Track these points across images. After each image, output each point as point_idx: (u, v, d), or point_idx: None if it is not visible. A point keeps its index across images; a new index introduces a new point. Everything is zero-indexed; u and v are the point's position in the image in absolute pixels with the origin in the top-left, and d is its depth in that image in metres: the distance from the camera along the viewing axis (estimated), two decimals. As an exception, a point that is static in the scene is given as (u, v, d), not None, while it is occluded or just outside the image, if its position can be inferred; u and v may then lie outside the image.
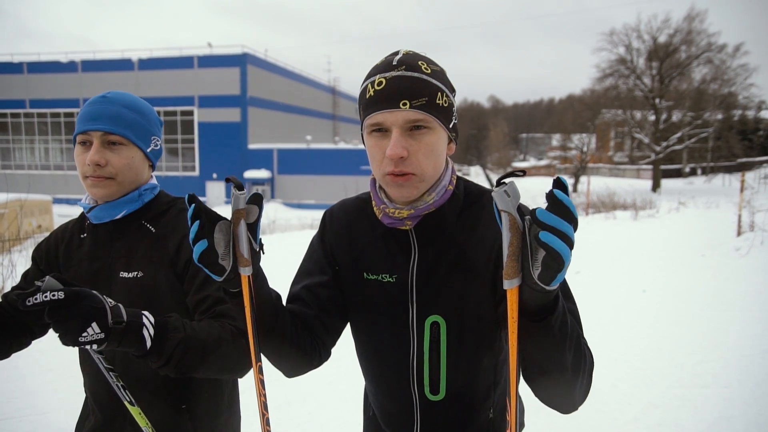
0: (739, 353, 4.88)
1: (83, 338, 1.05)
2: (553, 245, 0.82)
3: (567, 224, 0.84)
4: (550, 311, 0.95)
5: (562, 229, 0.83)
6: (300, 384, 4.27)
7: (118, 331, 1.10)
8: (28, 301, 1.01)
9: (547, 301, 0.93)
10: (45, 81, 39.34)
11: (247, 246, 1.07)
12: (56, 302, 1.02)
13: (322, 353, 1.34)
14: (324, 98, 53.73)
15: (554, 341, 0.98)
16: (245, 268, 1.08)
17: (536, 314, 0.94)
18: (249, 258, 1.08)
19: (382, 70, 1.17)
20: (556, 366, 1.02)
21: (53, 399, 3.99)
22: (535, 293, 0.90)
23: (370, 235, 1.34)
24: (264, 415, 1.24)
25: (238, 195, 1.05)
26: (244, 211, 1.06)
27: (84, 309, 1.05)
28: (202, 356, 1.25)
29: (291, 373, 1.33)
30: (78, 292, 1.06)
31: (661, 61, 34.70)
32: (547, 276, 0.86)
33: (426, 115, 1.15)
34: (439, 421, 1.34)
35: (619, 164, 50.84)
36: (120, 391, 1.31)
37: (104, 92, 1.49)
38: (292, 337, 1.24)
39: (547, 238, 0.82)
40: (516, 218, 0.87)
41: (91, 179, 1.44)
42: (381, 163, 1.19)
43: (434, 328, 1.26)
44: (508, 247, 0.88)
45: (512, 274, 0.89)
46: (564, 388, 1.07)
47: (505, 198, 0.86)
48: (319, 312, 1.32)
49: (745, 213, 10.77)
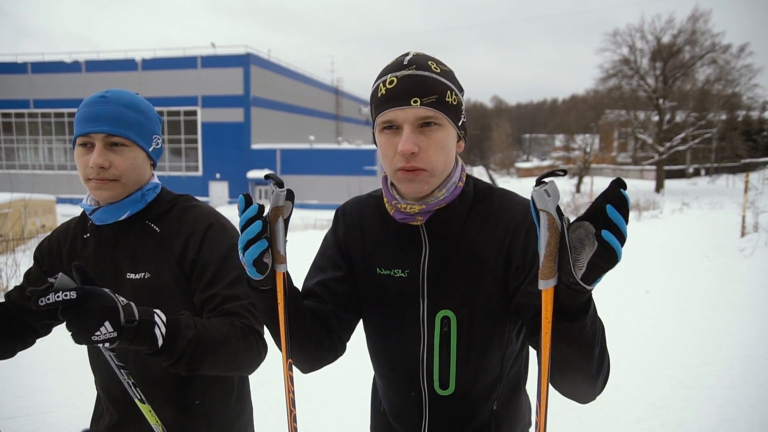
0: (743, 354, 4.87)
1: (96, 337, 1.05)
2: (613, 245, 0.83)
3: (626, 225, 0.85)
4: (585, 310, 0.96)
5: (623, 230, 0.84)
6: (303, 383, 4.27)
7: (131, 330, 1.10)
8: (41, 301, 1.01)
9: (583, 300, 0.94)
10: (49, 81, 39.42)
11: (283, 243, 1.08)
12: (69, 302, 1.02)
13: (338, 348, 1.36)
14: (327, 98, 53.73)
15: (586, 340, 1.00)
16: (281, 265, 1.09)
17: (572, 314, 0.95)
18: (285, 255, 1.09)
19: (394, 70, 1.21)
20: (585, 362, 1.04)
21: (56, 398, 4.00)
22: (572, 293, 0.91)
23: (383, 231, 1.36)
24: (291, 412, 1.24)
25: (279, 192, 1.05)
26: (282, 208, 1.07)
27: (97, 308, 1.06)
28: (213, 354, 1.26)
29: (309, 368, 1.34)
30: (90, 291, 1.06)
31: (665, 62, 34.61)
32: (592, 276, 0.87)
33: (436, 112, 1.18)
34: (447, 415, 1.35)
35: (623, 165, 50.75)
36: (131, 389, 1.32)
37: (102, 91, 1.46)
38: (312, 332, 1.26)
39: (610, 238, 0.83)
40: (555, 218, 0.86)
41: (95, 182, 1.43)
42: (392, 159, 1.22)
43: (444, 322, 1.28)
44: (545, 247, 0.87)
45: (549, 275, 0.89)
46: (589, 382, 1.08)
47: (545, 197, 0.85)
48: (335, 307, 1.35)
49: (749, 214, 10.75)
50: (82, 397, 3.86)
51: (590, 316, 0.97)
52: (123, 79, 37.60)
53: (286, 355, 1.18)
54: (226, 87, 37.07)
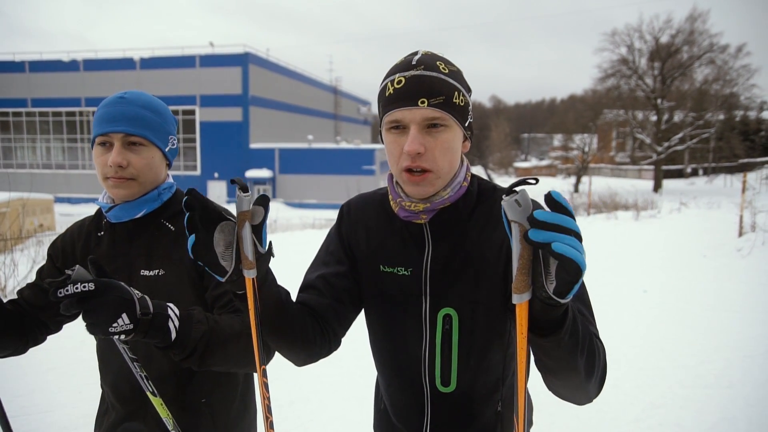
0: (741, 354, 4.88)
1: (113, 328, 1.07)
2: (565, 253, 0.78)
3: (571, 223, 0.81)
4: (560, 325, 0.93)
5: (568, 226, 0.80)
6: (303, 383, 4.28)
7: (146, 322, 1.12)
8: (59, 292, 1.02)
9: (558, 314, 0.91)
10: (47, 80, 39.37)
11: (251, 248, 1.06)
12: (87, 293, 1.03)
13: (332, 342, 1.37)
14: (326, 98, 53.74)
15: (565, 351, 0.97)
16: (249, 271, 1.07)
17: (547, 329, 0.92)
18: (253, 261, 1.07)
19: (402, 69, 1.21)
20: (569, 372, 1.03)
21: (55, 398, 4.00)
22: (547, 307, 0.87)
23: (387, 228, 1.37)
24: (268, 419, 1.24)
25: (242, 197, 1.04)
26: (249, 213, 1.05)
27: (114, 300, 1.07)
28: (224, 349, 1.27)
29: (301, 363, 1.35)
30: (108, 283, 1.07)
31: (663, 62, 34.71)
32: (563, 289, 0.83)
33: (443, 113, 1.19)
34: (449, 413, 1.36)
35: (621, 164, 50.86)
36: (143, 382, 1.33)
37: (121, 92, 1.50)
38: (301, 331, 1.26)
39: (559, 248, 0.78)
40: (527, 229, 0.82)
41: (113, 180, 1.46)
42: (398, 158, 1.22)
43: (447, 320, 1.29)
44: (518, 260, 0.84)
45: (522, 288, 0.85)
46: (578, 387, 1.08)
47: (515, 208, 0.82)
48: (333, 301, 1.35)
49: (746, 214, 10.76)
50: (81, 397, 3.86)
51: (566, 328, 0.94)
52: (121, 78, 37.57)
53: (259, 361, 1.18)
54: (225, 86, 37.06)
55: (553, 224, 0.80)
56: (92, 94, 38.29)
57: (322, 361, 1.47)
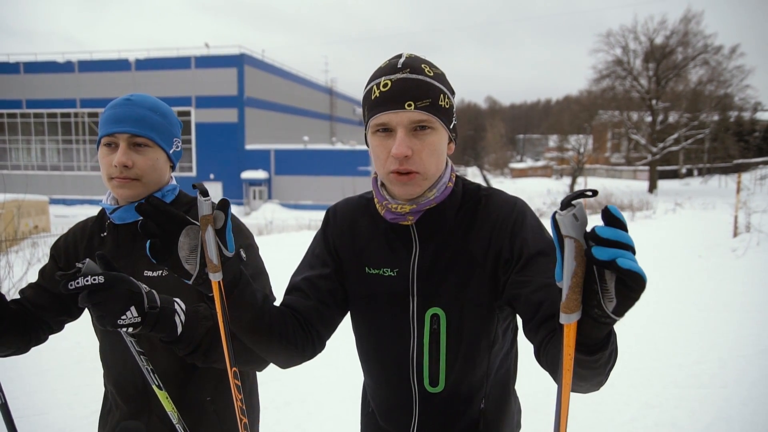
0: (736, 353, 4.90)
1: (122, 321, 1.09)
2: (632, 269, 0.72)
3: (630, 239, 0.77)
4: (606, 341, 0.90)
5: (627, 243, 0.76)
6: (299, 384, 4.29)
7: (153, 316, 1.14)
8: (70, 285, 1.04)
9: (605, 334, 0.88)
10: (42, 81, 39.21)
11: (216, 252, 1.07)
12: (96, 285, 1.05)
13: (317, 345, 1.36)
14: (321, 99, 53.72)
15: (603, 362, 0.94)
16: (215, 274, 1.08)
17: (593, 347, 0.89)
18: (218, 264, 1.07)
19: (387, 73, 1.22)
20: (597, 377, 0.99)
21: (51, 399, 3.99)
22: (598, 326, 0.83)
23: (373, 230, 1.39)
24: (242, 420, 1.26)
25: (202, 201, 1.05)
26: (211, 216, 1.06)
27: (123, 293, 1.09)
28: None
29: (284, 365, 1.36)
30: (117, 276, 1.09)
31: (658, 63, 34.85)
32: (625, 306, 0.78)
33: (429, 116, 1.20)
34: (437, 413, 1.37)
35: (616, 165, 51.01)
36: (149, 375, 1.34)
37: (128, 95, 1.53)
38: (280, 334, 1.25)
39: (626, 264, 0.72)
40: (583, 245, 0.77)
41: (117, 180, 1.48)
42: (385, 161, 1.23)
43: (434, 320, 1.30)
44: (571, 278, 0.78)
45: (574, 308, 0.80)
46: (599, 384, 1.04)
47: (572, 222, 0.77)
48: (318, 303, 1.36)
49: (741, 214, 10.81)
50: (77, 399, 3.84)
51: (611, 342, 0.91)
52: (116, 79, 37.47)
53: (229, 363, 1.18)
54: (220, 87, 37.01)
55: (616, 241, 0.76)
56: (87, 96, 38.19)
57: (318, 362, 1.48)
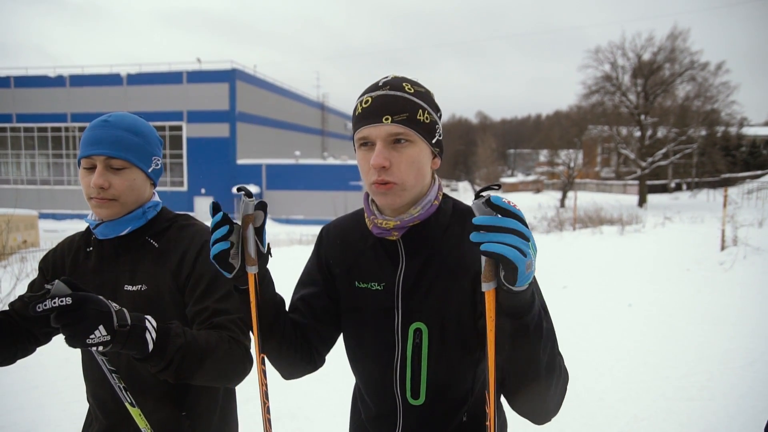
0: (724, 366, 4.94)
1: (91, 340, 1.11)
2: (494, 250, 0.91)
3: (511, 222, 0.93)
4: (526, 311, 1.02)
5: (507, 226, 0.92)
6: (289, 399, 4.27)
7: (123, 334, 1.16)
8: (38, 307, 1.06)
9: (522, 302, 1.01)
10: (32, 95, 39.13)
11: (254, 247, 1.19)
12: (64, 307, 1.07)
13: (317, 360, 1.45)
14: (312, 114, 53.88)
15: (529, 341, 1.05)
16: (252, 267, 1.20)
17: (513, 314, 1.02)
18: (255, 258, 1.19)
19: (370, 90, 1.30)
20: (530, 367, 1.08)
21: (39, 415, 3.95)
22: (507, 294, 0.98)
23: (362, 245, 1.43)
24: (265, 404, 1.35)
25: (247, 201, 1.18)
26: (253, 216, 1.19)
27: (91, 312, 1.11)
28: (200, 362, 1.31)
29: (288, 374, 1.42)
30: (85, 296, 1.11)
31: (646, 79, 35.25)
32: (509, 277, 0.94)
33: (406, 129, 1.26)
34: (419, 425, 1.39)
35: (606, 179, 51.33)
36: (121, 393, 1.37)
37: (105, 115, 1.56)
38: (291, 338, 1.34)
39: (490, 248, 0.91)
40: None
41: (96, 200, 1.52)
42: (368, 173, 1.30)
43: (417, 334, 1.34)
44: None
45: (489, 278, 0.99)
46: (537, 393, 1.12)
47: (483, 209, 0.96)
48: (314, 321, 1.43)
49: (728, 228, 10.92)
50: (65, 415, 3.81)
51: (532, 317, 1.04)
52: (108, 94, 37.46)
53: (258, 349, 1.28)
54: (212, 102, 37.05)
55: (491, 226, 0.93)
56: (78, 110, 38.11)
57: (309, 377, 1.51)
